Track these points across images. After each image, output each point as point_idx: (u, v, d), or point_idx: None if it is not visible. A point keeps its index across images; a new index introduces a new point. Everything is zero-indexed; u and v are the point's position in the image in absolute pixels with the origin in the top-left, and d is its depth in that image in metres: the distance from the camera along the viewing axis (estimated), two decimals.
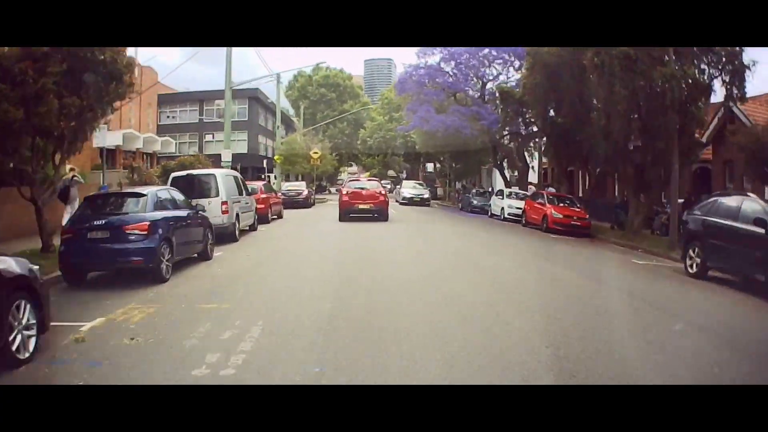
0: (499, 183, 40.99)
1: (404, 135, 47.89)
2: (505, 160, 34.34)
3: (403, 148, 50.59)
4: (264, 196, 19.76)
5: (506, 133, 31.61)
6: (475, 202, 30.42)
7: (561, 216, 20.16)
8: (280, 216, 22.17)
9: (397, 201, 33.31)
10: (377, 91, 68.68)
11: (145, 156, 40.41)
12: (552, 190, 28.69)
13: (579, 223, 20.18)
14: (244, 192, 15.74)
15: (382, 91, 59.91)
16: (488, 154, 35.54)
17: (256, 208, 17.44)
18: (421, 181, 41.50)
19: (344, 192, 21.03)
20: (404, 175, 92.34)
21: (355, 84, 68.51)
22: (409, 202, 32.47)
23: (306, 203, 30.11)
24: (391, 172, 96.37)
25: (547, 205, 20.86)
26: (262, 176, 48.61)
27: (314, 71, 64.62)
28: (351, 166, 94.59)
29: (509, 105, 23.14)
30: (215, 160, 24.90)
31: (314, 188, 38.46)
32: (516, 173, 35.23)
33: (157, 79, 45.09)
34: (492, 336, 6.06)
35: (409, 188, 35.43)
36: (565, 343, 5.88)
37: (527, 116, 23.55)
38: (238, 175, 16.12)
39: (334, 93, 63.31)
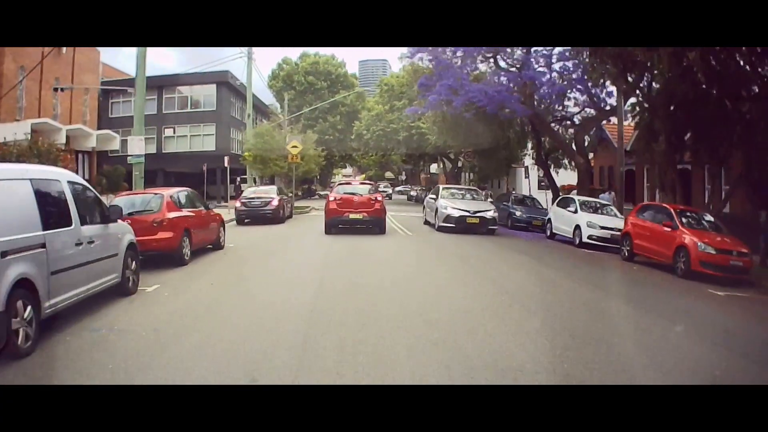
0: (530, 187, 32.45)
1: (413, 122, 38.95)
2: (550, 154, 25.53)
3: (407, 142, 41.39)
4: (173, 215, 10.70)
5: (554, 117, 22.87)
6: (518, 213, 21.33)
7: (713, 250, 11.21)
8: (217, 246, 13.15)
9: (428, 222, 19.79)
10: (372, 93, 59.08)
11: (79, 154, 31.43)
12: (608, 196, 20.04)
13: (740, 262, 11.32)
14: (73, 216, 6.66)
15: (381, 77, 50.41)
16: (522, 147, 26.74)
17: (134, 243, 8.45)
18: (473, 187, 24.20)
19: (331, 198, 16.86)
20: (403, 177, 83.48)
21: (350, 74, 59.34)
22: (458, 224, 17.05)
23: (277, 217, 21.05)
24: (389, 174, 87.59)
25: (682, 228, 11.91)
26: (238, 179, 39.56)
27: (301, 58, 55.57)
28: (345, 167, 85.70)
29: (604, 60, 14.03)
30: (160, 159, 16.19)
31: (293, 194, 29.28)
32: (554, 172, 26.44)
33: (98, 60, 36.14)
34: None
35: (456, 199, 18.51)
36: None
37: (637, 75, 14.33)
38: (65, 175, 6.87)
39: (324, 82, 54.11)
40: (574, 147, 21.93)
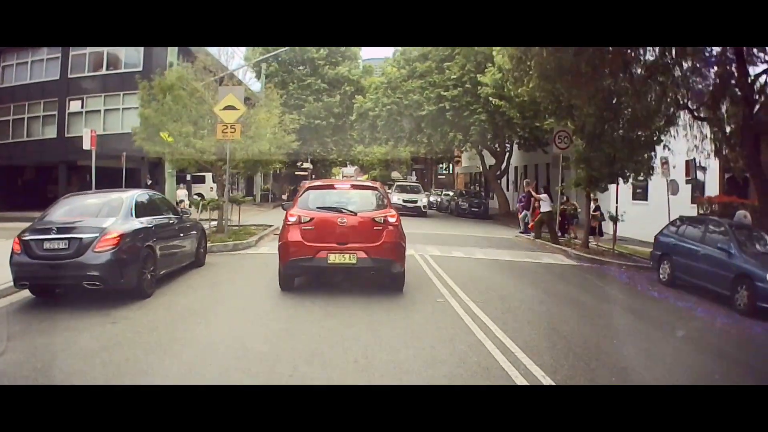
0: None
1: (448, 84, 25.31)
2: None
3: (433, 122, 27.35)
4: None
5: None
6: None
7: None
8: None
9: None
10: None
11: None
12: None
13: None
14: None
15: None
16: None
17: None
18: None
19: (291, 220, 8.31)
20: (414, 178, 69.14)
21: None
22: None
23: (113, 281, 7.63)
24: (396, 174, 73.09)
25: None
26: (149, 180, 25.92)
27: None
28: (345, 165, 72.04)
29: None
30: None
31: (225, 201, 15.31)
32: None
33: None
34: None
35: None
36: None
37: None
38: None
39: (319, 51, 40.68)
40: None
